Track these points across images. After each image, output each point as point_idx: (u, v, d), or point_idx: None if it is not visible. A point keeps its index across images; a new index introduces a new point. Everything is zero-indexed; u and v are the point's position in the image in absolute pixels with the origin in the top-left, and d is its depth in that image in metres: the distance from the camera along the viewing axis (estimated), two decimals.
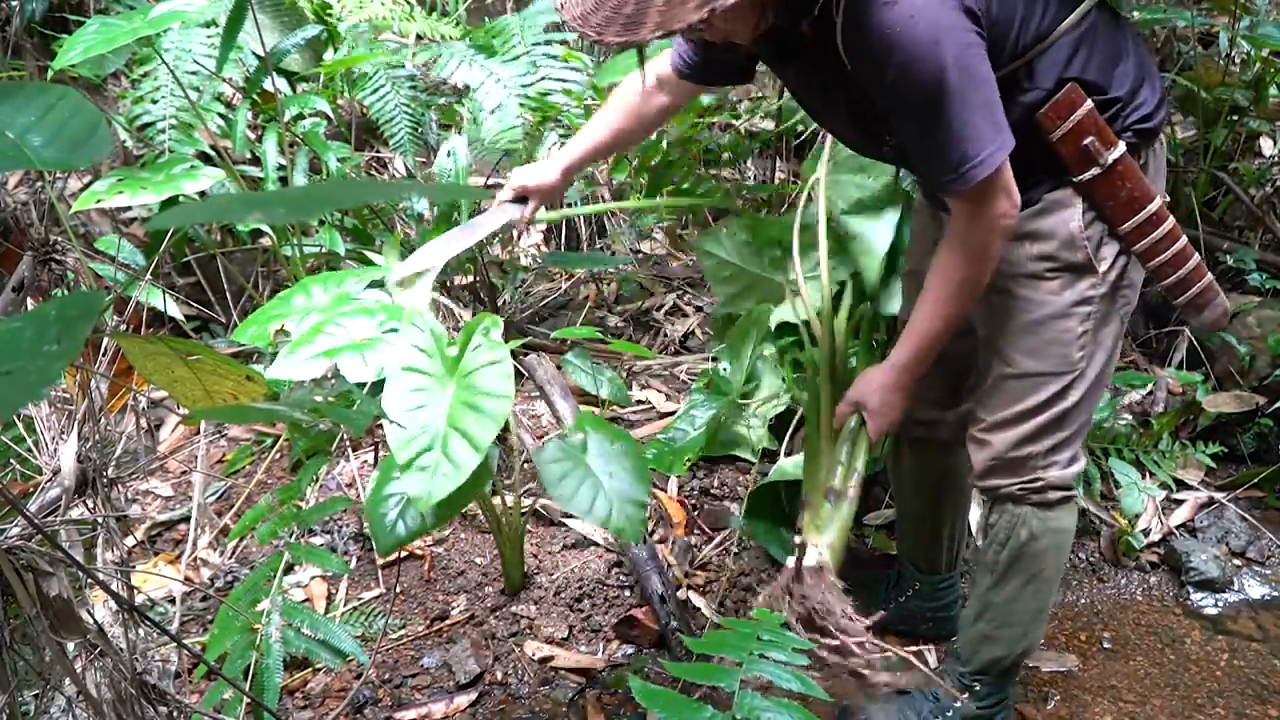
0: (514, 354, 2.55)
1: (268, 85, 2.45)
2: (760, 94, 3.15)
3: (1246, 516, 2.56)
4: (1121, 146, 1.52)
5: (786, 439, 2.38)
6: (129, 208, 2.71)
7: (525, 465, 2.35)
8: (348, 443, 2.37)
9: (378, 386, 1.54)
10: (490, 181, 2.76)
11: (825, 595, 1.60)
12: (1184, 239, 1.60)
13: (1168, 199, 1.64)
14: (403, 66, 2.75)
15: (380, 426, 2.53)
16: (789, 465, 2.23)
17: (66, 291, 1.92)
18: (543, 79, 2.65)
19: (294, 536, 1.75)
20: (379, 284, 1.84)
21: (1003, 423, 1.68)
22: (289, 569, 1.71)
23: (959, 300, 1.58)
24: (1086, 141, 1.50)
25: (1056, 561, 1.78)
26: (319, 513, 1.80)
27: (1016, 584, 1.78)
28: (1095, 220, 1.57)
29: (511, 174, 1.96)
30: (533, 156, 2.62)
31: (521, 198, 1.94)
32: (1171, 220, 1.58)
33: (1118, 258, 1.60)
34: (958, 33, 1.36)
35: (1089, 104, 1.49)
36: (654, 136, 2.55)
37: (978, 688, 1.90)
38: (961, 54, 1.37)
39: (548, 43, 2.71)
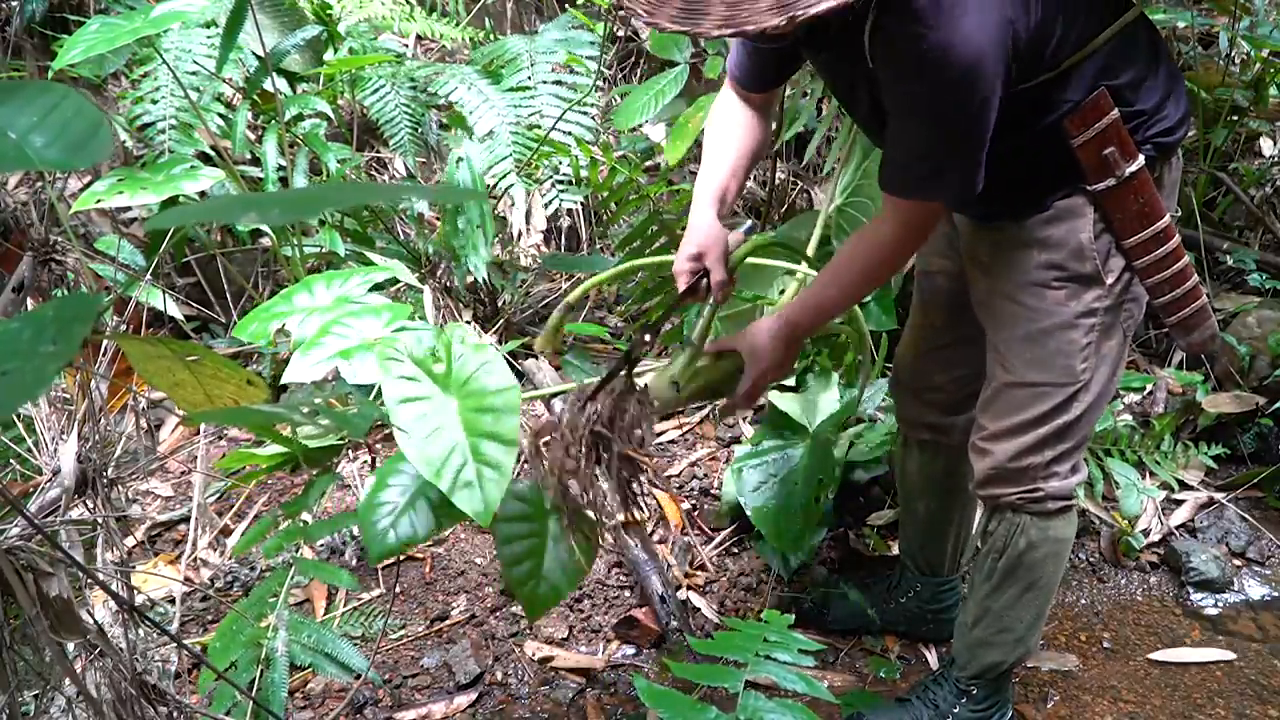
0: (513, 355, 2.56)
1: (268, 85, 2.45)
2: None
3: (1246, 517, 2.55)
4: (1140, 160, 1.50)
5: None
6: (129, 208, 2.70)
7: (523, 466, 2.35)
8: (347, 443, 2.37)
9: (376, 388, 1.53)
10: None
11: (635, 407, 1.53)
12: (1186, 259, 1.59)
13: (1178, 214, 1.62)
14: (403, 65, 2.76)
15: (380, 428, 2.54)
16: None
17: (66, 292, 1.93)
18: (541, 114, 2.65)
19: (299, 550, 1.74)
20: (381, 286, 1.84)
21: (1004, 432, 1.68)
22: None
23: (850, 277, 1.61)
24: (1107, 151, 1.48)
25: (1055, 569, 1.78)
26: (326, 529, 1.79)
27: (1015, 591, 1.78)
28: (1104, 232, 1.56)
29: (676, 260, 1.70)
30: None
31: (697, 268, 1.67)
32: (1177, 239, 1.57)
33: (1124, 271, 1.58)
34: (987, 80, 1.35)
35: (1115, 113, 1.47)
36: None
37: (975, 691, 1.90)
38: (980, 105, 1.37)
39: (557, 82, 2.71)
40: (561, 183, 2.77)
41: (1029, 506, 1.71)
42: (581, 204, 3.05)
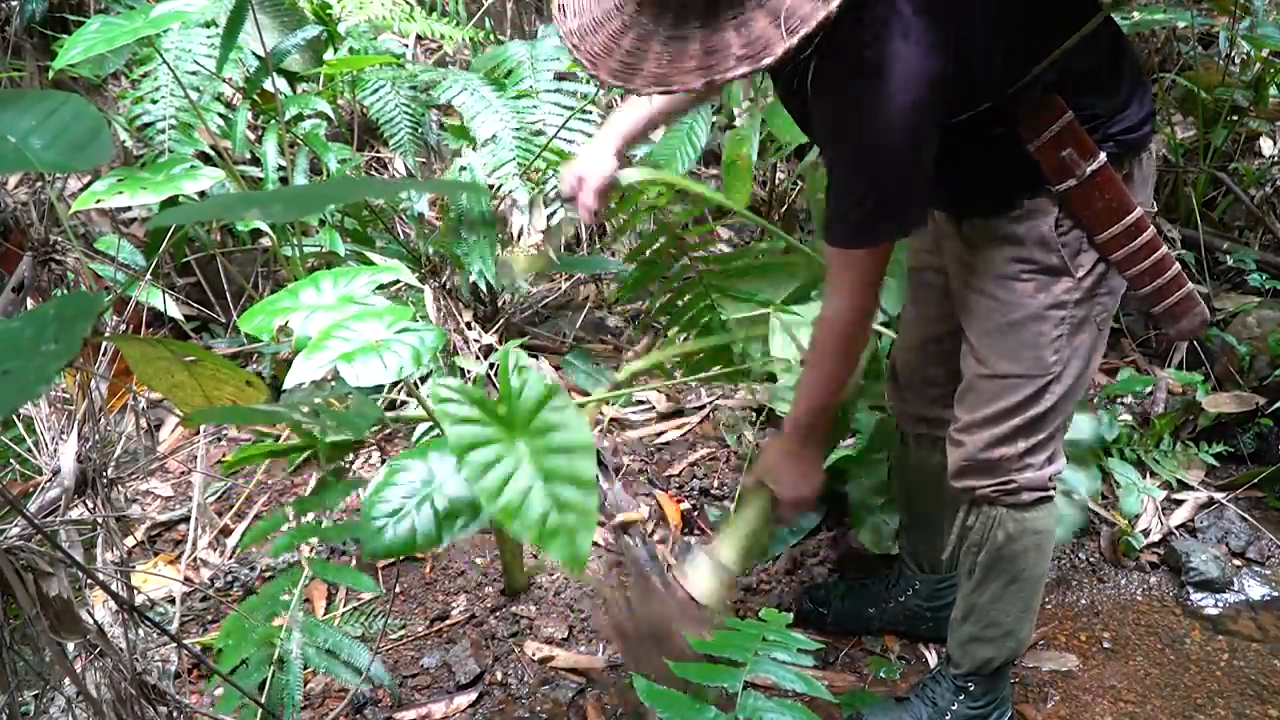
0: None
1: (268, 85, 2.45)
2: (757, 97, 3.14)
3: (1246, 516, 2.56)
4: (1102, 157, 1.51)
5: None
6: (129, 208, 2.70)
7: None
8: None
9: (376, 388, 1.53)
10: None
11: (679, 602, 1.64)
12: (1164, 249, 1.59)
13: (1154, 209, 1.63)
14: (403, 68, 2.76)
15: (381, 428, 2.54)
16: None
17: (66, 292, 1.93)
18: (545, 121, 2.65)
19: (310, 550, 1.72)
20: (383, 286, 1.83)
21: (976, 424, 1.70)
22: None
23: (828, 360, 1.65)
24: (1064, 153, 1.50)
25: (1037, 561, 1.79)
26: (343, 533, 1.77)
27: (998, 585, 1.79)
28: (1074, 228, 1.57)
29: (561, 171, 1.85)
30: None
31: (575, 190, 1.81)
32: (1151, 231, 1.57)
33: (1096, 264, 1.59)
34: (914, 132, 1.39)
35: (1069, 115, 1.48)
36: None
37: (972, 688, 1.90)
38: (910, 154, 1.41)
39: (559, 90, 2.71)
40: None
41: (1004, 499, 1.72)
42: None
